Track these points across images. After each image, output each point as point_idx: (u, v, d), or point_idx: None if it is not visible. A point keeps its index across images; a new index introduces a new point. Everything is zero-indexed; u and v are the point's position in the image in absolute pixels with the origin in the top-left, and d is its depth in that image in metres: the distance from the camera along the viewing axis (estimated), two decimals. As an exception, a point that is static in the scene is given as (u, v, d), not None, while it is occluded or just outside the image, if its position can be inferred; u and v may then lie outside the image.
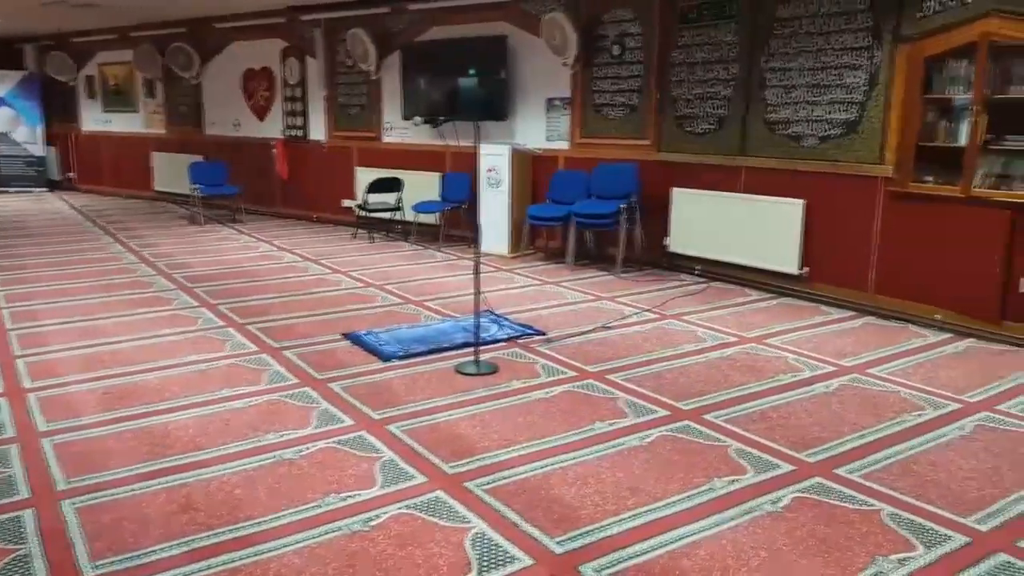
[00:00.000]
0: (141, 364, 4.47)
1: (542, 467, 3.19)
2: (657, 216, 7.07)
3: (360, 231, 9.20)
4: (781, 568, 2.50)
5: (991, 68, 4.94)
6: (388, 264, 7.60)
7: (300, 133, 10.64)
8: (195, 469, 3.16)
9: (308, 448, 3.36)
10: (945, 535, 2.70)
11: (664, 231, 7.06)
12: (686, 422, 3.68)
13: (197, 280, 6.73)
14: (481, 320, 4.76)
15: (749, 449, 3.38)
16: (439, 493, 2.97)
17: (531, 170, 8.09)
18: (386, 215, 8.94)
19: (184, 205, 11.09)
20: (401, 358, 4.56)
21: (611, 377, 4.29)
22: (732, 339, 5.04)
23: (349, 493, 2.96)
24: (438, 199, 8.68)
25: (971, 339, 5.05)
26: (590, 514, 2.82)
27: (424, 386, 4.14)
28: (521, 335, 5.03)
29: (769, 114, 6.22)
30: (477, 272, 4.52)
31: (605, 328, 5.26)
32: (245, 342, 4.93)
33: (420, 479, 3.08)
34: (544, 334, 5.07)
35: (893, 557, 2.56)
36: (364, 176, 9.33)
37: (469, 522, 2.75)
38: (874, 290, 5.68)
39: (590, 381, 4.23)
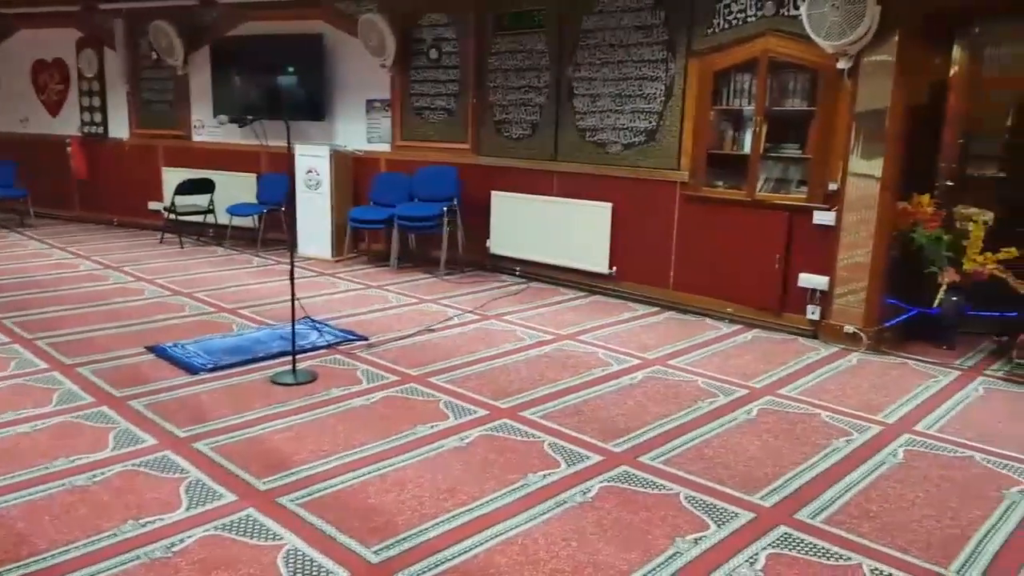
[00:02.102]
0: (-99, 391, 3.97)
1: (360, 476, 3.16)
2: (479, 219, 7.20)
3: (168, 235, 8.63)
4: (588, 556, 2.64)
5: (770, 82, 5.47)
6: (199, 270, 7.19)
7: (99, 130, 9.81)
8: (-32, 506, 2.86)
9: (104, 473, 3.12)
10: (734, 513, 2.97)
11: (486, 233, 7.20)
12: (504, 420, 3.78)
13: (-27, 293, 6.05)
14: (299, 327, 4.64)
15: (562, 443, 3.53)
16: (250, 511, 2.86)
17: (352, 172, 7.97)
18: (197, 218, 8.47)
19: (-42, 208, 9.92)
20: (211, 370, 4.34)
21: (433, 380, 4.32)
22: (549, 337, 5.24)
23: (150, 518, 2.78)
24: (254, 201, 8.33)
25: (757, 330, 5.57)
26: (408, 520, 2.83)
27: (237, 399, 3.96)
28: (342, 341, 4.95)
29: (578, 121, 6.52)
30: (292, 277, 4.38)
31: (428, 331, 5.29)
32: (33, 359, 4.49)
33: (230, 498, 2.96)
34: (366, 339, 5.01)
35: (689, 537, 2.77)
36: (172, 177, 8.76)
37: (282, 539, 2.67)
38: (674, 287, 6.11)
39: (412, 385, 4.24)
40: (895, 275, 5.22)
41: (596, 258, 6.46)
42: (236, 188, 8.44)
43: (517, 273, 7.08)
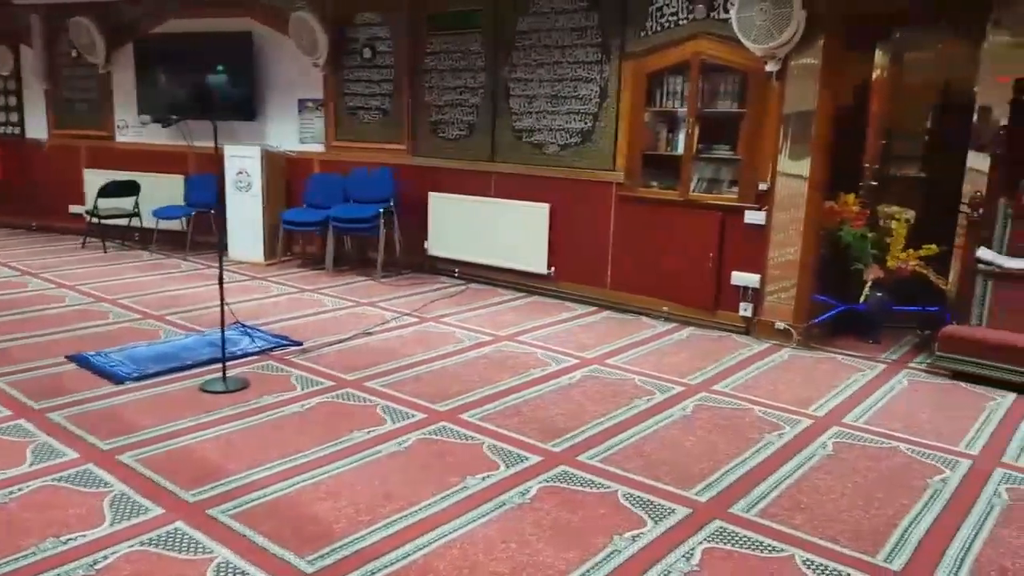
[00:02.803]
0: None
1: (294, 484, 3.08)
2: (416, 220, 7.14)
3: (91, 240, 8.29)
4: (528, 557, 2.62)
5: (702, 84, 5.57)
6: (124, 276, 6.93)
7: (15, 131, 9.38)
8: None
9: (21, 489, 2.96)
10: (671, 509, 2.99)
11: (423, 235, 7.14)
12: (443, 423, 3.74)
13: None
14: (230, 333, 4.51)
15: (502, 444, 3.52)
16: (179, 524, 2.75)
17: (285, 173, 7.80)
18: (122, 222, 8.16)
19: None
20: (137, 379, 4.18)
21: (370, 384, 4.25)
22: (488, 338, 5.22)
23: (71, 535, 2.65)
24: (182, 204, 8.08)
25: (692, 327, 5.65)
26: (344, 527, 2.77)
27: (164, 408, 3.82)
28: (276, 347, 4.83)
29: (515, 122, 6.52)
30: (221, 281, 4.26)
31: (365, 334, 5.21)
32: (-59, 373, 4.27)
33: (157, 511, 2.84)
34: (300, 344, 4.90)
35: (627, 534, 2.79)
36: (95, 179, 8.41)
37: (212, 552, 2.58)
38: (611, 286, 6.16)
39: (348, 390, 4.16)
40: (823, 272, 5.37)
41: (534, 259, 6.47)
42: (163, 190, 8.16)
43: (455, 275, 7.04)
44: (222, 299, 4.23)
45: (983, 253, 4.81)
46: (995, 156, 4.98)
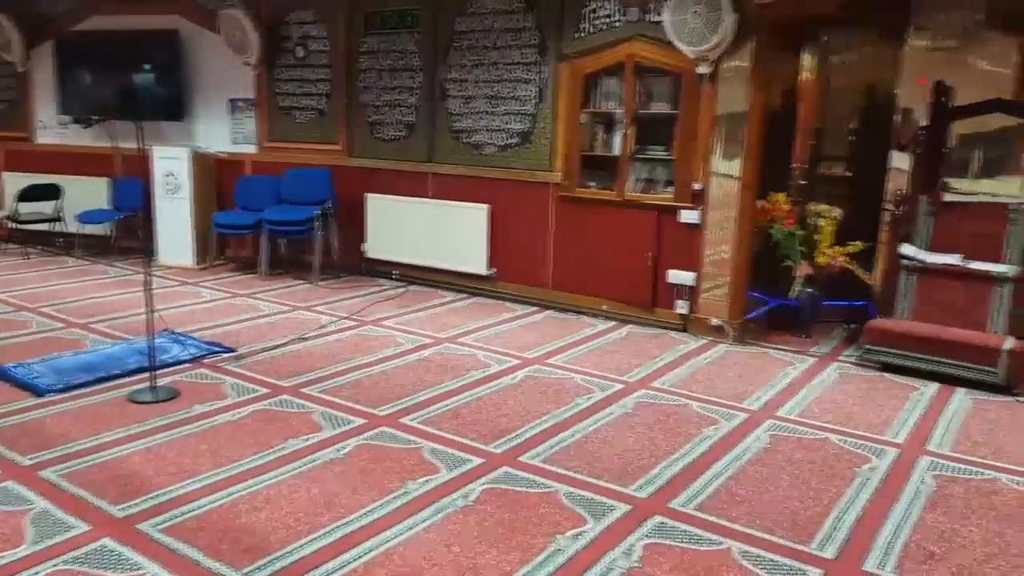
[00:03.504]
0: None
1: (229, 495, 2.99)
2: (354, 222, 7.03)
3: (11, 246, 7.94)
4: (470, 560, 2.61)
5: (637, 86, 5.63)
6: (47, 283, 6.64)
7: (-76, 131, 8.93)
8: None
9: (-67, 511, 2.82)
10: (611, 506, 3.01)
11: (361, 237, 7.04)
12: (383, 428, 3.69)
13: None
14: (159, 341, 4.37)
15: (443, 447, 3.49)
16: (106, 541, 2.64)
17: (216, 175, 7.60)
18: (43, 227, 7.83)
19: None
20: (61, 391, 4.00)
21: (307, 390, 4.17)
22: (428, 341, 5.18)
23: (-12, 558, 2.53)
24: (107, 207, 7.80)
25: (631, 325, 5.72)
26: (282, 537, 2.70)
27: (90, 421, 3.67)
28: (207, 354, 4.69)
29: (453, 123, 6.48)
30: (148, 287, 4.11)
31: (301, 339, 5.11)
32: None
33: (82, 528, 2.72)
34: (234, 351, 4.78)
35: (569, 533, 2.79)
36: (13, 182, 8.07)
37: (142, 568, 2.48)
38: (552, 286, 6.18)
39: (284, 397, 4.07)
40: (756, 269, 5.50)
41: (475, 260, 6.45)
42: (87, 194, 7.85)
43: (394, 277, 6.96)
44: (150, 306, 4.09)
45: (905, 249, 4.99)
46: (916, 155, 5.18)
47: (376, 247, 7.02)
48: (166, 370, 4.34)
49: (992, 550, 2.78)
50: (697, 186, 5.39)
